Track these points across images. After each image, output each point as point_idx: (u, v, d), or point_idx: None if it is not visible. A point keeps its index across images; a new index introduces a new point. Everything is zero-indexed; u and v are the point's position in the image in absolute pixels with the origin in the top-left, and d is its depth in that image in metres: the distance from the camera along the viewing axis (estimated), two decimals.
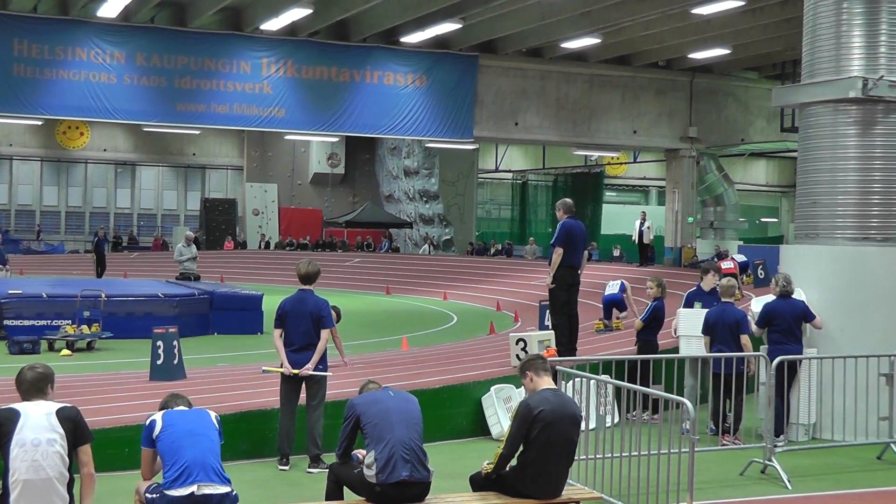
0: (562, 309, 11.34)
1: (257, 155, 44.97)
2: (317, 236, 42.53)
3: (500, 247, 39.87)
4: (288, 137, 38.06)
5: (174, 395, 5.86)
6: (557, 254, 11.15)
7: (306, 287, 8.52)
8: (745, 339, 9.81)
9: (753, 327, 10.06)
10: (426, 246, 40.91)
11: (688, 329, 10.82)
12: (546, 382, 6.24)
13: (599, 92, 31.96)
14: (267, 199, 44.61)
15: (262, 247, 41.84)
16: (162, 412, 5.60)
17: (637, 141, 33.01)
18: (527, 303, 25.05)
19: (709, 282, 11.15)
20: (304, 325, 8.37)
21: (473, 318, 23.49)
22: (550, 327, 11.54)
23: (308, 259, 8.82)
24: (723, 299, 10.19)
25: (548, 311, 11.79)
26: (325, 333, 8.40)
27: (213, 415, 5.65)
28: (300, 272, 8.57)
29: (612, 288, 16.28)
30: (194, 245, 22.50)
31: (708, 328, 10.01)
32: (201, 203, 44.72)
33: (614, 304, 16.04)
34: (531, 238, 39.51)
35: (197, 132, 39.21)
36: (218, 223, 43.05)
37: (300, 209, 44.91)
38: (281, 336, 8.46)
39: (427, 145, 39.31)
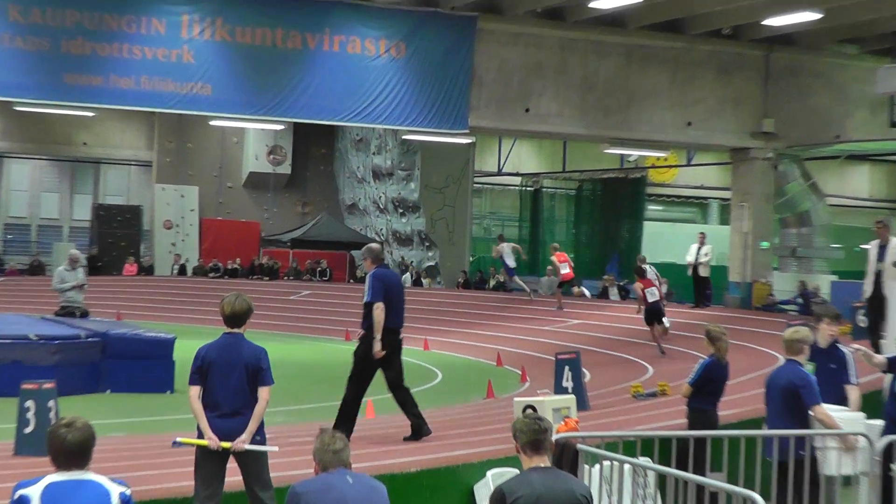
0: (362, 381, 12.51)
1: (172, 147, 45.00)
2: (251, 258, 42.54)
3: (501, 278, 39.95)
4: (215, 124, 38.03)
5: (69, 451, 5.62)
6: (380, 309, 12.12)
7: (234, 330, 8.56)
8: (819, 410, 9.69)
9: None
10: (406, 275, 40.96)
11: None
12: (538, 461, 6.24)
13: (641, 69, 32.13)
14: (184, 206, 44.61)
15: (177, 272, 41.85)
16: (41, 485, 5.48)
17: (692, 136, 33.17)
18: (538, 355, 25.05)
19: (824, 333, 10.87)
20: (235, 380, 8.38)
21: (465, 376, 23.49)
22: (398, 403, 12.66)
23: (236, 293, 8.85)
24: (787, 356, 10.15)
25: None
26: (264, 392, 8.41)
27: (115, 493, 5.54)
28: (225, 310, 8.62)
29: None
30: (82, 269, 22.43)
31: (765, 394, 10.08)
32: (93, 211, 44.72)
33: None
34: (549, 267, 39.60)
35: (90, 114, 39.15)
36: (116, 239, 43.02)
37: (230, 221, 44.93)
38: (200, 396, 8.45)
39: (405, 137, 39.43)
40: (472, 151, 43.75)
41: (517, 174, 48.32)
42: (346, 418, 12.37)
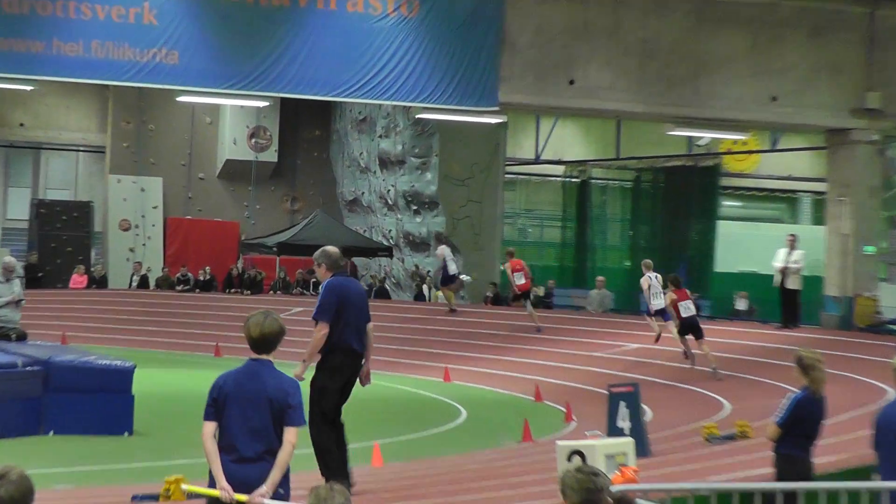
0: (329, 419, 12.45)
1: (130, 129, 45.18)
2: (228, 267, 42.55)
3: (541, 291, 39.89)
4: (183, 100, 38.06)
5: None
6: (321, 331, 12.43)
7: (261, 356, 8.54)
8: None
9: None
10: (424, 288, 40.90)
11: None
12: None
13: (713, 31, 32.08)
14: (145, 203, 44.79)
15: (136, 285, 41.98)
16: None
17: (777, 115, 33.08)
18: (587, 388, 25.10)
19: None
20: (256, 418, 8.34)
21: (495, 413, 23.57)
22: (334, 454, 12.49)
23: (264, 312, 8.76)
24: None
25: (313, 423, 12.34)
26: (291, 435, 8.38)
27: None
28: (251, 333, 8.52)
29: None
30: (18, 280, 22.44)
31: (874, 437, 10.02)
32: (32, 208, 44.92)
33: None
34: (599, 278, 39.53)
35: (28, 88, 39.18)
36: (61, 243, 43.22)
37: (202, 221, 45.09)
38: (215, 435, 8.44)
39: (419, 116, 39.42)
40: (503, 134, 43.69)
41: (559, 162, 48.30)
42: (334, 468, 12.29)
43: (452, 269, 35.44)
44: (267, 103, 38.65)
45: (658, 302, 26.96)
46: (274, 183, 45.88)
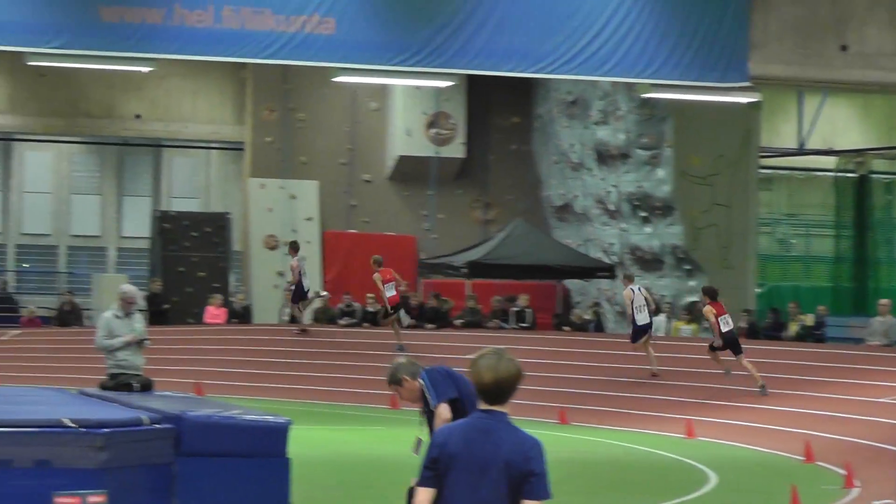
0: None
1: (274, 120, 45.46)
2: (402, 294, 42.36)
3: (810, 320, 39.34)
4: (341, 80, 38.29)
5: None
6: (446, 410, 12.74)
7: (494, 408, 8.48)
8: None
9: None
10: (660, 318, 40.40)
11: None
12: None
13: None
14: (296, 213, 45.14)
15: (287, 318, 42.10)
16: None
17: None
18: (871, 444, 24.80)
19: None
20: (490, 488, 8.31)
21: (753, 478, 23.36)
22: None
23: (496, 350, 8.60)
24: None
25: None
26: None
27: None
28: (483, 377, 8.41)
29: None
30: (139, 315, 22.69)
31: None
32: (154, 222, 45.40)
33: None
34: (883, 301, 38.79)
35: (144, 70, 39.55)
36: (190, 266, 43.64)
37: (368, 235, 45.30)
38: None
39: (646, 96, 39.25)
40: (756, 117, 43.33)
41: (830, 152, 47.79)
42: None
43: (306, 283, 36.85)
44: (450, 83, 38.81)
45: (642, 316, 30.49)
46: (460, 185, 45.86)
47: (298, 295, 37.01)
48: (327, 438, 26.85)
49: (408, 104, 44.81)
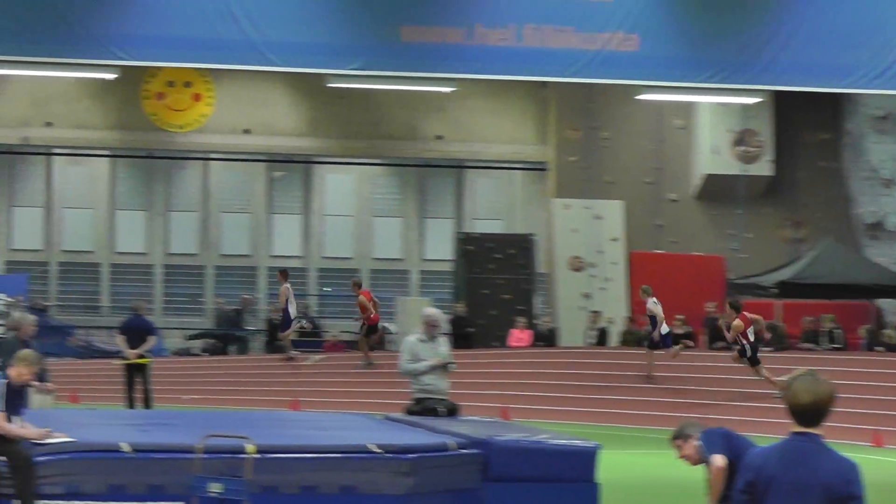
0: None
1: (578, 139, 45.59)
2: (708, 314, 42.05)
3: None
4: (645, 98, 38.26)
5: None
6: (721, 469, 12.96)
7: (809, 430, 8.39)
8: None
9: None
10: None
11: None
12: None
13: None
14: (602, 234, 45.24)
15: (594, 341, 42.15)
16: None
17: None
18: None
19: None
20: None
21: None
22: None
23: (809, 372, 8.56)
24: None
25: None
26: None
27: None
28: (799, 399, 8.36)
29: None
30: (443, 338, 22.55)
31: None
32: (457, 244, 45.78)
33: None
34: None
35: (446, 90, 39.89)
36: (494, 289, 43.77)
37: (675, 256, 45.28)
38: None
39: None
40: None
41: None
42: None
43: (292, 312, 37.22)
44: (757, 99, 38.77)
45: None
46: (769, 203, 45.63)
47: (286, 323, 37.87)
48: (636, 462, 26.83)
49: (714, 121, 44.91)
